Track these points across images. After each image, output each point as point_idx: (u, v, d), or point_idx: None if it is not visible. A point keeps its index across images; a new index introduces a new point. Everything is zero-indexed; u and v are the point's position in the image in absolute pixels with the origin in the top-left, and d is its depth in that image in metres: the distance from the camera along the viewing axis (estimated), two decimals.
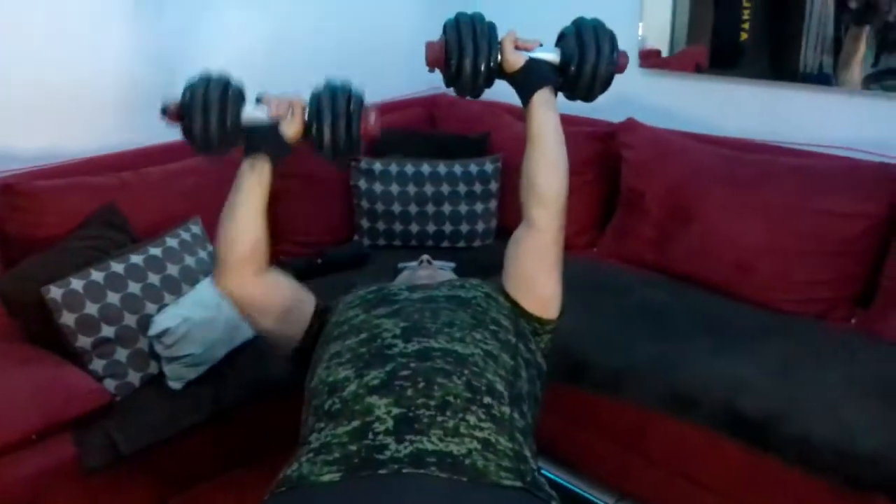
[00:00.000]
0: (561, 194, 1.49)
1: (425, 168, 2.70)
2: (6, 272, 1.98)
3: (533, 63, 1.50)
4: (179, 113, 1.41)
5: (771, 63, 2.54)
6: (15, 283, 1.91)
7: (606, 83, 1.52)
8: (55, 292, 1.84)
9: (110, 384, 1.87)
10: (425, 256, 1.80)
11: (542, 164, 1.49)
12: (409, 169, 2.70)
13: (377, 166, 2.69)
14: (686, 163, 2.46)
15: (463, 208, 2.70)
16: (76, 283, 1.87)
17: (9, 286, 1.91)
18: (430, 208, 2.69)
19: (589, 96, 1.55)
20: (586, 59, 1.47)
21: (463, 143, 2.88)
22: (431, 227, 2.70)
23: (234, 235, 1.45)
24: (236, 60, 2.71)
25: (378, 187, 2.68)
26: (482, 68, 1.45)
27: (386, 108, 3.14)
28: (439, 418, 1.15)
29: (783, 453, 1.73)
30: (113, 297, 1.90)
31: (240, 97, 1.43)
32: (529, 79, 1.50)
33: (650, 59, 2.77)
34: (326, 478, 1.08)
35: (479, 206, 2.71)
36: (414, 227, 2.70)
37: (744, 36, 2.56)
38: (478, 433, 1.15)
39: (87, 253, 1.99)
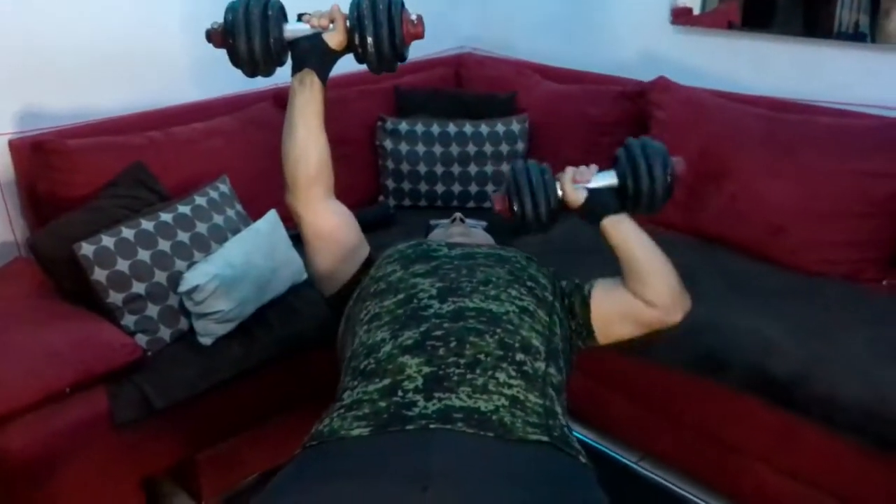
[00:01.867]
0: (674, 290, 1.47)
1: (451, 128, 2.68)
2: (39, 229, 2.00)
3: (593, 195, 1.49)
4: (223, 35, 1.42)
5: (805, 20, 2.48)
6: (48, 241, 1.93)
7: (668, 194, 1.49)
8: (87, 249, 1.86)
9: (142, 339, 1.90)
10: (458, 214, 1.80)
11: (643, 277, 1.47)
12: (435, 129, 2.68)
13: (403, 126, 2.68)
14: (718, 122, 2.42)
15: (489, 169, 2.69)
16: (107, 241, 1.89)
17: (42, 243, 1.93)
18: (456, 169, 2.68)
19: (652, 210, 1.52)
20: (640, 179, 1.46)
21: (489, 102, 2.85)
22: (457, 188, 2.69)
23: (298, 155, 1.45)
24: None
25: (404, 147, 2.67)
26: (543, 211, 1.46)
27: (412, 68, 3.13)
28: (469, 376, 1.16)
29: (810, 413, 1.72)
30: (143, 255, 1.92)
31: (281, 14, 1.44)
32: (593, 210, 1.49)
33: (682, 16, 2.71)
34: (356, 432, 1.10)
35: (505, 167, 2.70)
36: (439, 188, 2.69)
37: None
38: (506, 390, 1.15)
39: (118, 211, 2.01)
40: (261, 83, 2.68)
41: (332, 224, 1.52)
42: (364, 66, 1.50)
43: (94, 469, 1.79)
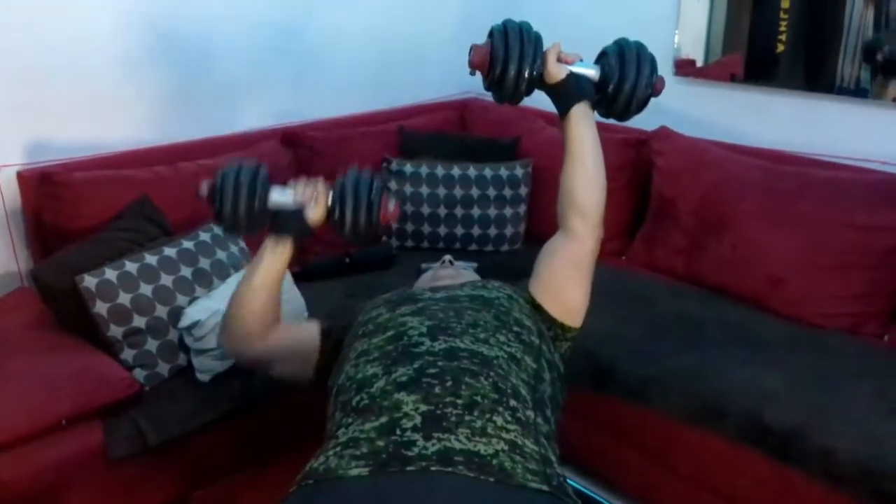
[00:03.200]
0: (600, 205, 1.51)
1: (455, 171, 2.71)
2: (42, 260, 2.01)
3: (573, 77, 1.51)
4: (210, 195, 1.48)
5: (807, 75, 2.52)
6: (50, 272, 1.93)
7: (642, 105, 1.53)
8: (89, 281, 1.87)
9: (140, 374, 1.90)
10: (447, 257, 1.82)
11: (582, 177, 1.50)
12: (440, 171, 2.71)
13: (407, 168, 2.70)
14: (720, 172, 2.44)
15: (492, 212, 2.70)
16: (110, 274, 1.90)
17: (44, 274, 1.94)
18: (459, 211, 2.69)
19: (623, 115, 1.56)
20: (626, 78, 1.48)
21: (493, 146, 2.88)
22: (460, 230, 2.71)
23: (246, 312, 1.53)
24: (275, 63, 2.78)
25: (408, 189, 2.69)
26: (526, 75, 1.46)
27: (418, 111, 3.18)
28: (467, 417, 1.16)
29: (808, 466, 1.70)
30: (145, 289, 1.93)
31: (267, 183, 1.50)
32: (569, 92, 1.51)
33: (685, 68, 2.76)
34: (354, 472, 1.09)
35: (508, 211, 2.71)
36: (442, 230, 2.71)
37: (780, 48, 2.54)
38: (505, 434, 1.15)
39: (122, 244, 2.02)
40: (269, 122, 2.78)
41: (265, 348, 1.57)
42: (371, 108, 1.54)
43: None
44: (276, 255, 1.52)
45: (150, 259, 1.97)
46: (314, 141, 2.73)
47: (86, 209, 2.12)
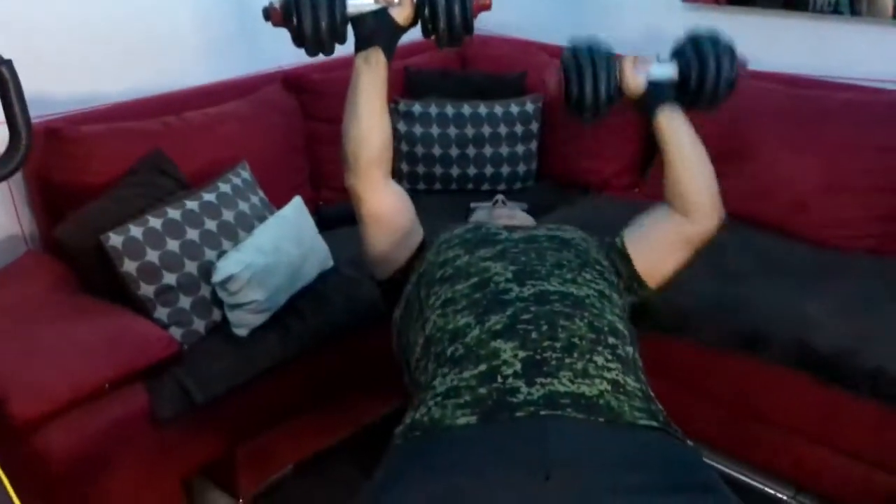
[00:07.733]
0: (714, 192, 1.49)
1: (465, 109, 2.64)
2: (65, 220, 1.91)
3: (651, 87, 1.47)
4: (285, 13, 1.35)
5: None
6: (74, 232, 1.85)
7: (729, 93, 1.48)
8: (115, 240, 1.79)
9: (176, 332, 1.84)
10: (500, 196, 1.78)
11: (688, 175, 1.48)
12: (449, 110, 2.64)
13: (416, 108, 2.63)
14: (736, 98, 2.41)
15: (504, 150, 2.66)
16: (135, 231, 1.82)
17: (68, 234, 1.85)
18: (471, 150, 2.64)
19: (711, 107, 1.51)
20: (706, 74, 1.43)
21: (500, 83, 2.81)
22: (472, 170, 2.66)
23: (362, 135, 1.41)
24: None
25: (418, 129, 2.62)
26: (603, 97, 1.42)
27: (416, 49, 3.07)
28: (567, 360, 1.14)
29: (858, 386, 1.74)
30: (172, 244, 1.86)
31: None
32: (650, 101, 1.47)
33: None
34: (462, 420, 1.07)
35: (520, 148, 2.67)
36: (454, 171, 2.65)
37: None
38: (607, 374, 1.14)
39: (140, 200, 1.93)
40: (265, 65, 2.66)
41: (390, 206, 1.50)
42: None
43: (135, 468, 1.74)
44: (371, 69, 1.40)
45: (174, 214, 1.90)
46: (317, 84, 2.63)
47: (97, 165, 2.02)
